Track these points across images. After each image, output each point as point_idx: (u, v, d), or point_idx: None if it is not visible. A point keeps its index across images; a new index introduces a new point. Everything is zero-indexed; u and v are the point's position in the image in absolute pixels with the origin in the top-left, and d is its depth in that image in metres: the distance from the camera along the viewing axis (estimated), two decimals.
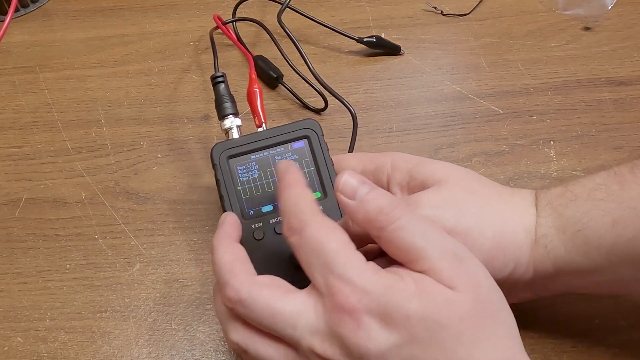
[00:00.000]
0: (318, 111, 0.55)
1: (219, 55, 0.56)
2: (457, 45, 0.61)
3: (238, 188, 0.42)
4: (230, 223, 0.37)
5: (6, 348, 0.43)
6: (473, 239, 0.35)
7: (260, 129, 0.44)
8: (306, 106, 0.56)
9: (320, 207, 0.41)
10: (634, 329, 0.41)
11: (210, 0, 0.67)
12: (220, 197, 0.42)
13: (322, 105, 0.55)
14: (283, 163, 0.35)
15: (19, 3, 0.65)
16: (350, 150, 0.51)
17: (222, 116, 0.45)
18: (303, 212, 0.32)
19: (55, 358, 0.42)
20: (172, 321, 0.44)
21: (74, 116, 0.56)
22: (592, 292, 0.39)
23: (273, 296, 0.32)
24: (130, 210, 0.50)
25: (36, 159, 0.53)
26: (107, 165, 0.53)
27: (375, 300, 0.29)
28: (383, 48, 0.60)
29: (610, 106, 0.55)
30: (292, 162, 0.36)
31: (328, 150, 0.43)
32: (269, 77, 0.57)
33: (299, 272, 0.40)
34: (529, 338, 0.41)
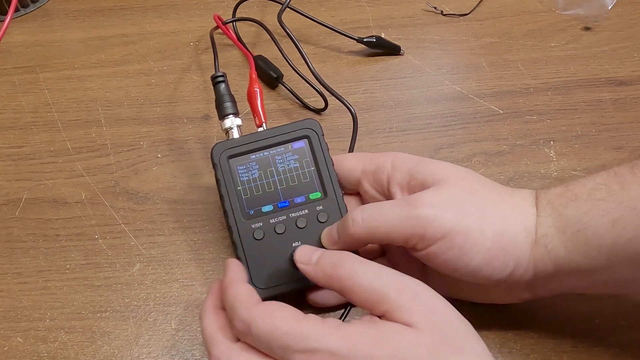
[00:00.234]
0: (318, 111, 0.55)
1: (219, 55, 0.56)
2: (457, 45, 0.61)
3: (238, 188, 0.42)
4: (215, 291, 0.38)
5: (6, 348, 0.43)
6: (473, 238, 0.35)
7: (260, 129, 0.44)
8: (306, 106, 0.56)
9: (320, 207, 0.41)
10: (634, 329, 0.41)
11: (210, 0, 0.67)
12: (221, 196, 0.42)
13: (322, 105, 0.55)
14: (225, 263, 0.38)
15: (19, 3, 0.65)
16: (351, 150, 0.51)
17: (222, 116, 0.45)
18: (240, 310, 0.34)
19: (55, 358, 0.42)
20: (172, 321, 0.44)
21: (74, 116, 0.56)
22: (592, 292, 0.39)
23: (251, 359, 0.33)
24: (130, 210, 0.50)
25: (36, 159, 0.53)
26: (107, 165, 0.53)
27: (343, 358, 0.31)
28: (383, 48, 0.60)
29: (610, 106, 0.55)
30: (230, 260, 0.38)
31: (328, 150, 0.43)
32: (269, 77, 0.57)
33: (298, 272, 0.41)
34: (529, 338, 0.41)
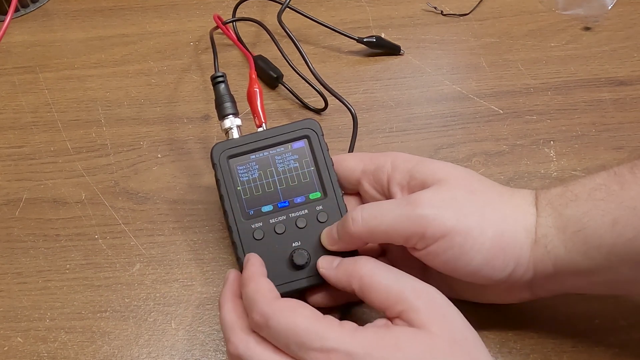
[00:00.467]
0: (318, 111, 0.55)
1: (219, 55, 0.56)
2: (457, 45, 0.61)
3: (238, 188, 0.42)
4: (233, 280, 0.39)
5: (6, 348, 0.43)
6: (473, 238, 0.35)
7: (260, 129, 0.44)
8: (306, 106, 0.56)
9: (320, 207, 0.41)
10: (634, 329, 0.41)
11: (210, 0, 0.67)
12: (220, 196, 0.42)
13: (322, 105, 0.55)
14: (246, 257, 0.40)
15: (19, 3, 0.65)
16: (351, 150, 0.51)
17: (222, 116, 0.45)
18: (260, 304, 0.35)
19: (55, 358, 0.42)
20: (172, 321, 0.44)
21: (74, 116, 0.56)
22: (592, 293, 0.39)
23: (265, 355, 0.34)
24: (130, 210, 0.50)
25: (36, 159, 0.53)
26: (107, 165, 0.53)
27: None
28: (383, 48, 0.60)
29: (610, 106, 0.55)
30: (251, 254, 0.40)
31: (328, 150, 0.43)
32: (269, 77, 0.57)
33: (297, 272, 0.41)
34: (529, 338, 0.41)
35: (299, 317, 0.33)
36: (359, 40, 0.59)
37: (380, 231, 0.37)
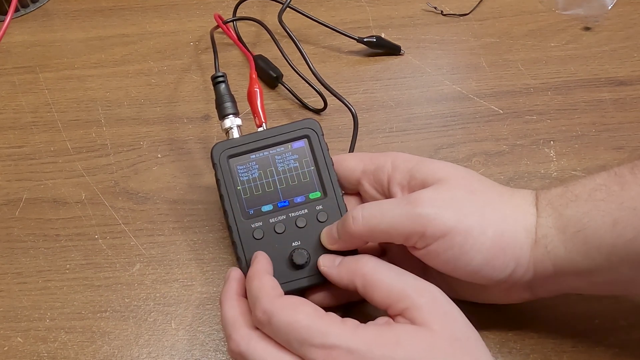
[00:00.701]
0: (317, 111, 0.55)
1: (219, 55, 0.56)
2: (457, 45, 0.61)
3: (238, 187, 0.42)
4: (234, 278, 0.39)
5: (6, 348, 0.43)
6: (473, 238, 0.35)
7: (260, 129, 0.44)
8: (306, 106, 0.56)
9: (320, 207, 0.41)
10: (634, 329, 0.41)
11: (210, 0, 0.67)
12: (221, 196, 0.42)
13: (322, 105, 0.55)
14: (254, 254, 0.40)
15: (19, 3, 0.65)
16: (351, 150, 0.51)
17: (222, 116, 0.45)
18: (263, 301, 0.35)
19: (55, 358, 0.42)
20: (172, 321, 0.44)
21: (74, 116, 0.56)
22: (592, 293, 0.39)
23: (266, 352, 0.34)
24: (130, 210, 0.50)
25: (36, 159, 0.53)
26: (107, 165, 0.53)
27: (361, 357, 0.32)
28: (383, 48, 0.60)
29: (610, 106, 0.55)
30: (259, 252, 0.40)
31: (328, 149, 0.43)
32: (269, 76, 0.57)
33: (297, 272, 0.41)
34: (529, 338, 0.41)
35: (301, 314, 0.33)
36: (359, 40, 0.59)
37: (381, 230, 0.37)
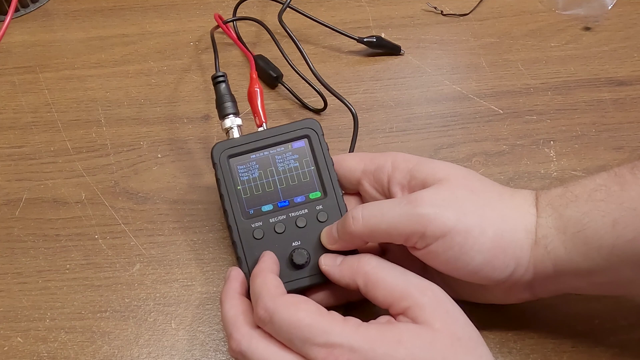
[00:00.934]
0: (317, 111, 0.55)
1: (219, 55, 0.56)
2: (457, 45, 0.61)
3: (238, 187, 0.42)
4: (235, 277, 0.39)
5: (6, 348, 0.43)
6: (474, 237, 0.35)
7: (260, 129, 0.44)
8: (306, 106, 0.56)
9: (320, 206, 0.41)
10: (634, 329, 0.41)
11: (210, 0, 0.67)
12: (221, 196, 0.42)
13: (322, 105, 0.55)
14: (263, 253, 0.40)
15: (19, 3, 0.65)
16: (351, 150, 0.51)
17: (222, 116, 0.45)
18: (265, 299, 0.35)
19: (55, 358, 0.42)
20: (172, 321, 0.44)
21: (74, 116, 0.56)
22: (592, 293, 0.39)
23: (267, 350, 0.34)
24: (130, 210, 0.50)
25: (36, 159, 0.53)
26: (107, 165, 0.53)
27: (363, 356, 0.32)
28: (383, 48, 0.60)
29: (610, 106, 0.55)
30: (267, 252, 0.40)
31: (328, 149, 0.43)
32: (269, 76, 0.57)
33: (297, 271, 0.41)
34: (529, 338, 0.41)
35: (303, 313, 0.33)
36: (359, 40, 0.59)
37: (381, 230, 0.37)
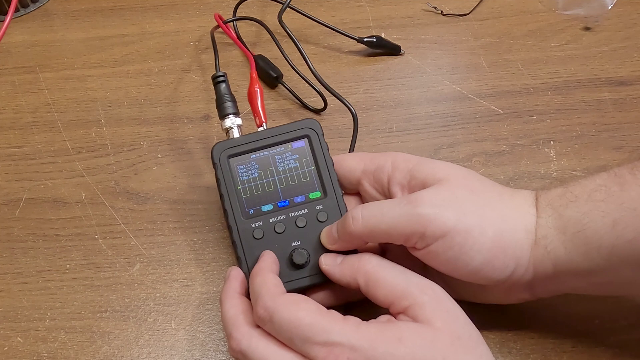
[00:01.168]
0: (317, 111, 0.55)
1: (219, 55, 0.56)
2: (457, 45, 0.61)
3: (238, 187, 0.42)
4: (235, 277, 0.39)
5: (6, 348, 0.43)
6: (473, 237, 0.35)
7: (260, 129, 0.44)
8: (306, 106, 0.56)
9: (320, 206, 0.41)
10: (634, 329, 0.41)
11: (210, 0, 0.67)
12: (221, 196, 0.42)
13: (322, 105, 0.55)
14: (263, 252, 0.40)
15: (19, 3, 0.65)
16: (351, 150, 0.51)
17: (222, 115, 0.45)
18: (265, 298, 0.35)
19: (55, 358, 0.42)
20: (172, 321, 0.44)
21: (74, 116, 0.56)
22: (592, 294, 0.39)
23: (267, 350, 0.34)
24: (130, 210, 0.50)
25: (36, 159, 0.53)
26: (107, 165, 0.53)
27: (363, 354, 0.32)
28: (383, 48, 0.60)
29: (610, 106, 0.55)
30: (267, 251, 0.40)
31: (328, 149, 0.43)
32: (269, 76, 0.57)
33: (297, 271, 0.41)
34: (529, 338, 0.41)
35: (303, 312, 0.33)
36: (359, 40, 0.59)
37: (381, 230, 0.37)
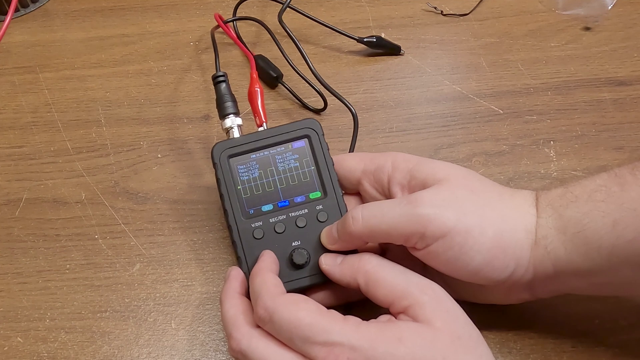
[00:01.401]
0: (317, 111, 0.55)
1: (219, 55, 0.56)
2: (457, 45, 0.61)
3: (238, 187, 0.42)
4: (235, 277, 0.39)
5: (6, 348, 0.43)
6: (474, 238, 0.35)
7: (260, 129, 0.44)
8: (306, 106, 0.56)
9: (320, 206, 0.41)
10: (634, 329, 0.41)
11: (210, 0, 0.67)
12: (221, 196, 0.42)
13: (322, 105, 0.55)
14: (262, 252, 0.40)
15: (19, 3, 0.65)
16: (351, 150, 0.51)
17: (223, 115, 0.45)
18: (265, 298, 0.35)
19: (55, 358, 0.42)
20: (172, 321, 0.44)
21: (74, 116, 0.56)
22: (592, 294, 0.39)
23: (267, 350, 0.34)
24: (130, 210, 0.50)
25: (36, 159, 0.53)
26: (107, 165, 0.53)
27: (363, 354, 0.32)
28: (383, 48, 0.60)
29: (610, 106, 0.55)
30: (267, 251, 0.40)
31: (328, 149, 0.43)
32: (269, 76, 0.57)
33: (297, 271, 0.41)
34: (529, 338, 0.41)
35: (303, 312, 0.33)
36: (359, 40, 0.59)
37: (381, 230, 0.37)
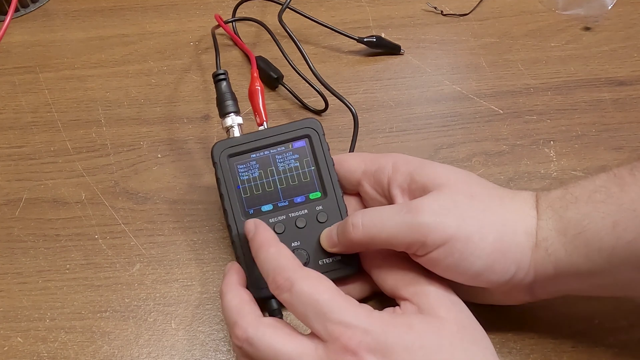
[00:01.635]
0: (318, 112, 0.55)
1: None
2: (457, 45, 0.61)
3: (238, 187, 0.42)
4: (236, 271, 0.39)
5: (6, 348, 0.43)
6: (474, 243, 0.35)
7: (261, 128, 0.44)
8: (306, 107, 0.56)
9: (320, 207, 0.41)
10: (634, 329, 0.41)
11: (210, 0, 0.67)
12: (221, 195, 0.42)
13: (323, 106, 0.55)
14: (250, 223, 0.39)
15: (19, 3, 0.65)
16: (351, 150, 0.51)
17: (223, 114, 0.44)
18: (286, 269, 0.35)
19: (55, 358, 0.42)
20: (172, 321, 0.44)
21: (74, 116, 0.56)
22: (593, 295, 0.39)
23: (276, 335, 0.34)
24: (130, 210, 0.50)
25: (36, 159, 0.53)
26: (107, 165, 0.53)
27: (375, 338, 0.32)
28: (383, 48, 0.60)
29: (610, 106, 0.55)
30: (257, 220, 0.39)
31: (329, 149, 0.43)
32: (269, 77, 0.57)
33: None
34: (529, 338, 0.41)
35: (322, 287, 0.34)
36: (359, 40, 0.59)
37: (381, 238, 0.37)
